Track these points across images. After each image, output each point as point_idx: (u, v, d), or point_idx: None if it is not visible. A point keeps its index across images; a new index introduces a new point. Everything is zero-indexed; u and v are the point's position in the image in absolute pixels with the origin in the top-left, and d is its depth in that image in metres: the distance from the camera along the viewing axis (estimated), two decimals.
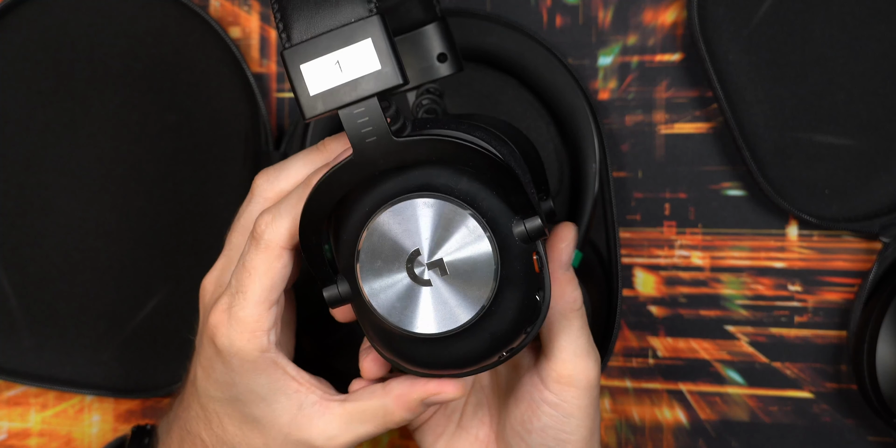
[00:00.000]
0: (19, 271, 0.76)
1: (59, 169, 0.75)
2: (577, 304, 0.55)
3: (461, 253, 0.48)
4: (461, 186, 0.49)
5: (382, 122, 0.47)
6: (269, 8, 0.74)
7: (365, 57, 0.47)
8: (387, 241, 0.48)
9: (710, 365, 0.70)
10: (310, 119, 0.47)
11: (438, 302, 0.48)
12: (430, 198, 0.48)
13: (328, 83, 0.47)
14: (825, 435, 0.69)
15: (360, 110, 0.47)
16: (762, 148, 0.67)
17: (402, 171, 0.49)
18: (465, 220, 0.48)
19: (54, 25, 0.74)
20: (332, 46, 0.47)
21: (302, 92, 0.47)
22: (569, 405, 0.55)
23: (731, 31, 0.67)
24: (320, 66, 0.47)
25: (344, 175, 0.48)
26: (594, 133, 0.67)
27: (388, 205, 0.48)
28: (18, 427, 0.80)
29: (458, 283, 0.48)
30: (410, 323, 0.49)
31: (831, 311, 0.68)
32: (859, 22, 0.66)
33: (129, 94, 0.74)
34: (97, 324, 0.75)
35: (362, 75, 0.47)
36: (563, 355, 0.55)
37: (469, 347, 0.50)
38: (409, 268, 0.48)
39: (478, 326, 0.49)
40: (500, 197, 0.49)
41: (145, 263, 0.75)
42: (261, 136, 0.72)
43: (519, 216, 0.49)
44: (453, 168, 0.49)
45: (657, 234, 0.70)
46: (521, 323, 0.50)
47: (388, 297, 0.49)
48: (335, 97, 0.47)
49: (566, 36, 0.71)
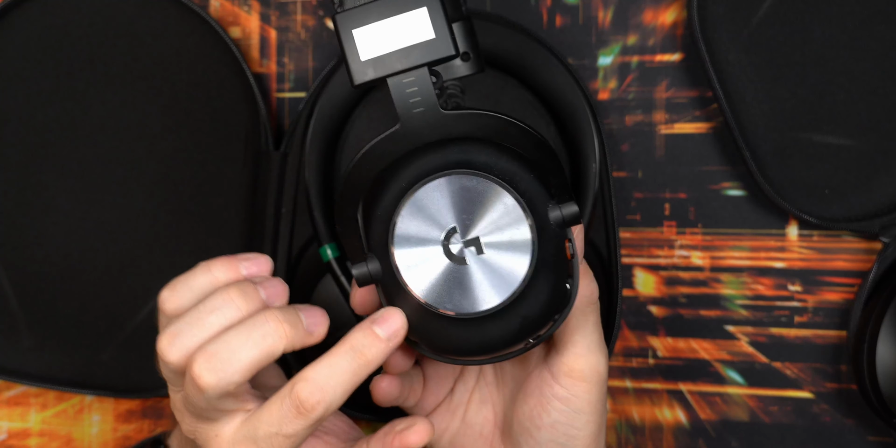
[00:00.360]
0: (19, 271, 0.76)
1: (59, 169, 0.75)
2: (593, 298, 0.54)
3: (499, 233, 0.48)
4: (501, 165, 0.48)
5: (431, 93, 0.47)
6: (270, 8, 0.74)
7: (419, 26, 0.46)
8: (424, 218, 0.48)
9: (710, 365, 0.70)
10: (359, 85, 0.47)
11: (473, 281, 0.48)
12: (469, 175, 0.47)
13: (379, 50, 0.46)
14: (825, 435, 0.69)
15: (409, 79, 0.47)
16: (762, 148, 0.67)
17: (442, 147, 0.48)
18: (504, 199, 0.47)
19: (54, 25, 0.74)
20: (386, 13, 0.47)
21: (353, 57, 0.47)
22: (579, 400, 0.55)
23: (731, 31, 0.67)
24: (372, 33, 0.47)
25: (387, 145, 0.47)
26: (594, 133, 0.67)
27: (426, 180, 0.48)
28: (18, 427, 0.80)
29: (494, 263, 0.48)
30: (444, 302, 0.48)
31: (831, 311, 0.68)
32: (859, 22, 0.66)
33: (129, 94, 0.74)
34: (97, 324, 0.75)
35: (414, 43, 0.46)
36: (577, 350, 0.54)
37: (499, 331, 0.49)
38: (445, 245, 0.48)
39: (510, 309, 0.48)
40: (538, 178, 0.48)
41: (145, 263, 0.75)
42: (261, 136, 0.72)
43: (555, 200, 0.49)
44: (494, 146, 0.48)
45: (657, 234, 0.70)
46: (551, 309, 0.49)
47: (422, 274, 0.48)
48: (386, 64, 0.46)
49: (566, 36, 0.71)
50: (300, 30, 0.74)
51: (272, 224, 0.72)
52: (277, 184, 0.72)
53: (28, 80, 0.75)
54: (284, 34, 0.74)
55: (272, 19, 0.75)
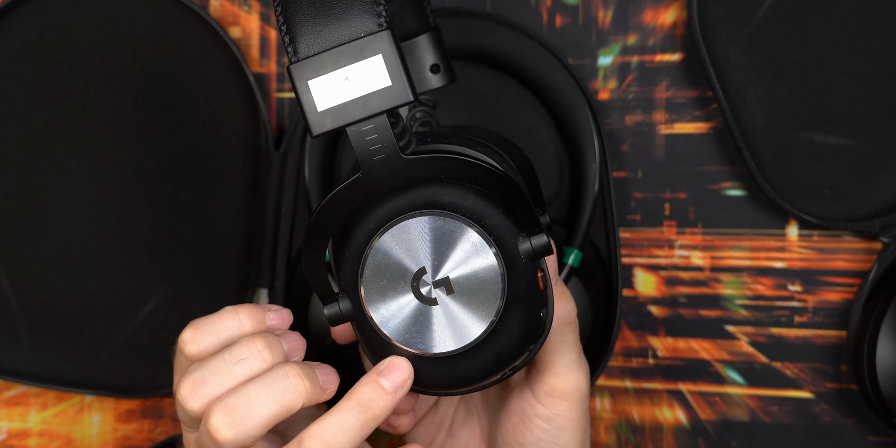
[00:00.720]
0: (19, 271, 0.76)
1: (59, 169, 0.75)
2: (570, 318, 0.55)
3: (467, 271, 0.48)
4: (467, 204, 0.48)
5: (391, 140, 0.46)
6: (270, 8, 0.74)
7: (375, 73, 0.46)
8: (392, 258, 0.48)
9: (710, 365, 0.70)
10: (318, 135, 0.46)
11: (444, 321, 0.48)
12: (436, 215, 0.48)
13: (336, 99, 0.46)
14: (825, 435, 0.69)
15: (369, 127, 0.46)
16: (762, 148, 0.67)
17: (408, 189, 0.48)
18: (471, 237, 0.48)
19: (54, 25, 0.74)
20: (340, 62, 0.46)
21: (309, 108, 0.46)
22: (561, 418, 0.55)
23: (731, 31, 0.67)
24: (328, 82, 0.46)
25: (351, 192, 0.47)
26: (594, 133, 0.67)
27: (393, 222, 0.48)
28: (18, 427, 0.80)
29: (465, 302, 0.48)
30: (415, 342, 0.48)
31: (831, 311, 0.68)
32: (859, 22, 0.66)
33: (129, 94, 0.74)
34: (97, 324, 0.75)
35: (372, 91, 0.46)
36: (557, 369, 0.55)
37: (474, 366, 0.49)
38: (415, 286, 0.48)
39: (483, 345, 0.48)
40: (506, 214, 0.48)
41: (145, 263, 0.75)
42: (261, 136, 0.72)
43: (524, 233, 0.49)
44: (458, 185, 0.48)
45: (657, 234, 0.70)
46: (526, 340, 0.50)
47: (393, 315, 0.48)
48: (344, 114, 0.46)
49: (566, 36, 0.71)
50: None
51: (272, 224, 0.72)
52: (277, 184, 0.72)
53: (28, 80, 0.75)
54: None
55: (272, 19, 0.75)
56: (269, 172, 0.72)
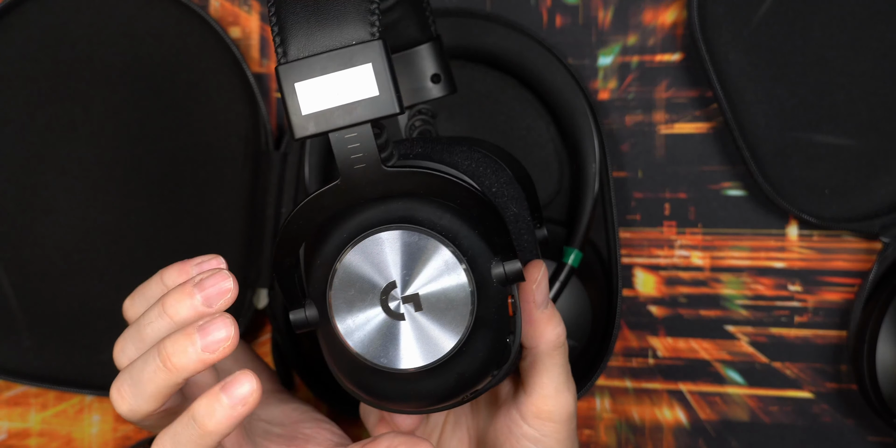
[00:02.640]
0: (19, 271, 0.76)
1: (59, 169, 0.75)
2: (559, 341, 0.54)
3: (437, 289, 0.47)
4: (443, 222, 0.48)
5: (373, 150, 0.45)
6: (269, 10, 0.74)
7: (363, 81, 0.45)
8: (363, 270, 0.47)
9: (710, 365, 0.70)
10: (300, 139, 0.46)
11: (410, 337, 0.47)
12: (411, 230, 0.47)
13: (322, 104, 0.45)
14: (825, 435, 0.69)
15: (351, 135, 0.45)
16: (762, 148, 0.67)
17: (385, 201, 0.48)
18: (444, 256, 0.47)
19: (54, 25, 0.74)
20: (329, 67, 0.45)
21: (294, 110, 0.46)
22: (549, 439, 0.55)
23: (731, 31, 0.67)
24: (315, 86, 0.46)
25: (327, 199, 0.47)
26: (594, 133, 0.67)
27: (367, 234, 0.47)
28: (18, 427, 0.80)
29: (432, 320, 0.47)
30: (378, 356, 0.48)
31: (831, 311, 0.68)
32: (859, 22, 0.66)
33: (129, 94, 0.74)
34: (97, 324, 0.75)
35: (358, 100, 0.45)
36: (545, 391, 0.55)
37: (434, 386, 0.49)
38: (384, 300, 0.47)
39: (446, 365, 0.48)
40: (481, 236, 0.48)
41: (145, 263, 0.74)
42: (261, 136, 0.72)
43: (499, 257, 0.48)
44: (437, 202, 0.48)
45: (657, 234, 0.70)
46: (490, 365, 0.49)
47: (358, 327, 0.48)
48: (328, 119, 0.45)
49: (566, 36, 0.71)
50: None
51: (272, 224, 0.72)
52: (277, 184, 0.72)
53: (28, 80, 0.75)
54: None
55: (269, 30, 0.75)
56: (268, 172, 0.72)
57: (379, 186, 0.46)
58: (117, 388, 0.49)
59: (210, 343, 0.47)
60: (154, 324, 0.49)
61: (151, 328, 0.49)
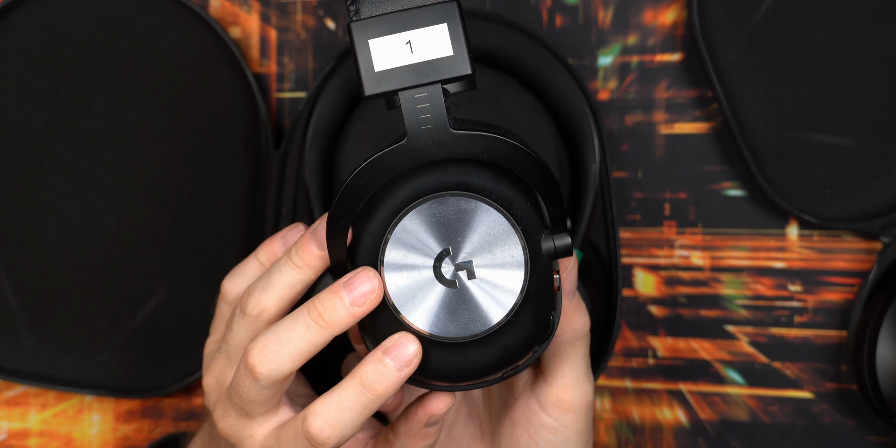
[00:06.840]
0: (19, 271, 0.76)
1: (59, 169, 0.75)
2: (584, 331, 0.54)
3: (492, 259, 0.47)
4: (501, 190, 0.47)
5: (442, 111, 0.45)
6: (270, 8, 0.74)
7: (437, 42, 0.45)
8: (417, 236, 0.47)
9: (710, 365, 0.70)
10: (370, 96, 0.45)
11: (460, 305, 0.47)
12: (470, 198, 0.47)
13: (394, 62, 0.45)
14: (825, 435, 0.69)
15: (422, 95, 0.45)
16: (762, 148, 0.67)
17: (443, 166, 0.48)
18: (501, 225, 0.47)
19: (54, 25, 0.74)
20: (405, 26, 0.45)
21: (366, 67, 0.45)
22: (568, 429, 0.55)
23: (731, 31, 0.67)
24: (389, 44, 0.45)
25: (390, 160, 0.46)
26: (594, 133, 0.67)
27: (423, 199, 0.47)
28: (18, 427, 0.80)
29: (485, 289, 0.47)
30: (429, 324, 0.47)
31: (831, 311, 0.68)
32: (859, 22, 0.66)
33: (129, 94, 0.74)
34: (97, 324, 0.75)
35: (431, 59, 0.45)
36: (566, 381, 0.55)
37: (479, 358, 0.48)
38: (437, 266, 0.47)
39: (494, 337, 0.47)
40: (535, 207, 0.48)
41: (145, 263, 0.75)
42: (261, 136, 0.72)
43: (549, 230, 0.48)
44: (495, 170, 0.48)
45: (657, 234, 0.70)
46: (534, 340, 0.49)
47: (409, 294, 0.47)
48: (400, 78, 0.45)
49: (566, 36, 0.71)
50: (300, 30, 0.74)
51: (272, 224, 0.72)
52: (277, 184, 0.72)
53: (28, 80, 0.75)
54: (284, 34, 0.74)
55: (272, 19, 0.75)
56: (268, 172, 0.72)
57: (444, 149, 0.46)
58: (260, 349, 0.49)
59: (357, 297, 0.48)
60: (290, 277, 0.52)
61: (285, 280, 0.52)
